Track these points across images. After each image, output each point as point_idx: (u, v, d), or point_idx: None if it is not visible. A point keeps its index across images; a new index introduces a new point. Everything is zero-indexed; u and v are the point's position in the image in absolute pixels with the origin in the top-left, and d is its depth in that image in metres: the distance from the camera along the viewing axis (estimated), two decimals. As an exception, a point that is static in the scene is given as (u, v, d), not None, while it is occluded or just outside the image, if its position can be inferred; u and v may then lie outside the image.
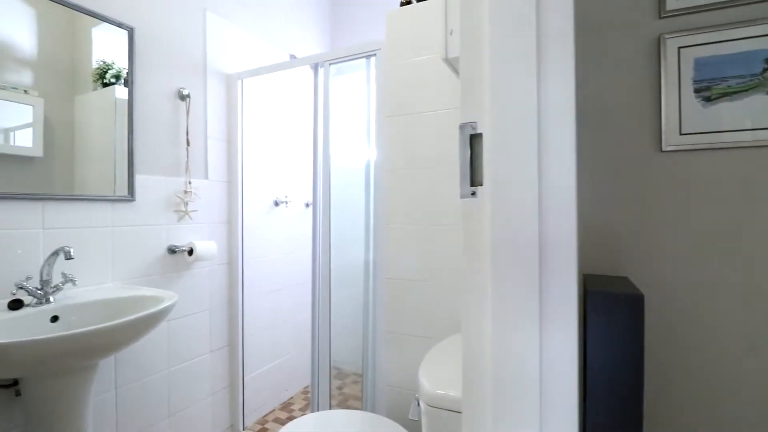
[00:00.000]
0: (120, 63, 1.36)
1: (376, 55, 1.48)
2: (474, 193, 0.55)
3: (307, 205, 2.35)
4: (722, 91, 0.89)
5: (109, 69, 1.33)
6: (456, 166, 1.35)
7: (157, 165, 1.51)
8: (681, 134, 0.92)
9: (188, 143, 1.62)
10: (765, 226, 0.86)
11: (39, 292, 1.08)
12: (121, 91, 1.37)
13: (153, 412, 1.48)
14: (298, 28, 2.36)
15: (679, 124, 0.93)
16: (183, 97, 1.60)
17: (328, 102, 1.57)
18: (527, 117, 0.51)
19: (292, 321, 2.24)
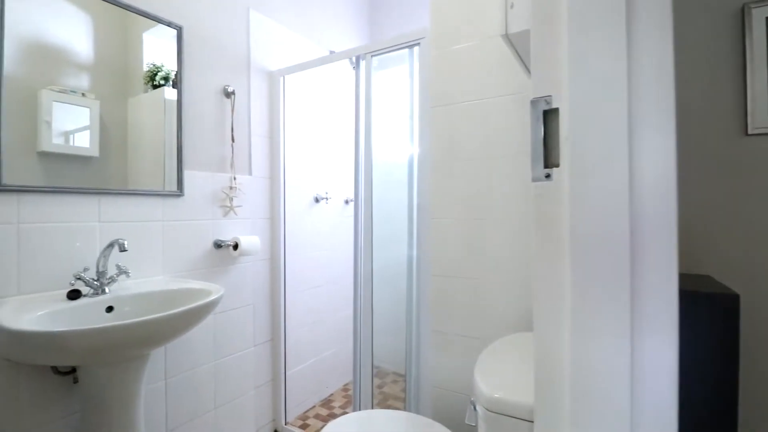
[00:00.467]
0: (168, 65, 1.40)
1: (419, 44, 1.43)
2: (549, 176, 0.49)
3: (347, 202, 2.34)
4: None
5: (159, 71, 1.37)
6: (506, 159, 1.27)
7: (204, 161, 1.54)
8: (774, 114, 0.82)
9: (233, 139, 1.64)
10: None
11: (95, 282, 1.12)
12: (170, 92, 1.41)
13: (200, 403, 1.51)
14: (337, 23, 2.35)
15: (771, 103, 0.82)
16: (228, 95, 1.63)
17: (369, 95, 1.54)
18: (615, 87, 0.44)
19: (332, 318, 2.24)
